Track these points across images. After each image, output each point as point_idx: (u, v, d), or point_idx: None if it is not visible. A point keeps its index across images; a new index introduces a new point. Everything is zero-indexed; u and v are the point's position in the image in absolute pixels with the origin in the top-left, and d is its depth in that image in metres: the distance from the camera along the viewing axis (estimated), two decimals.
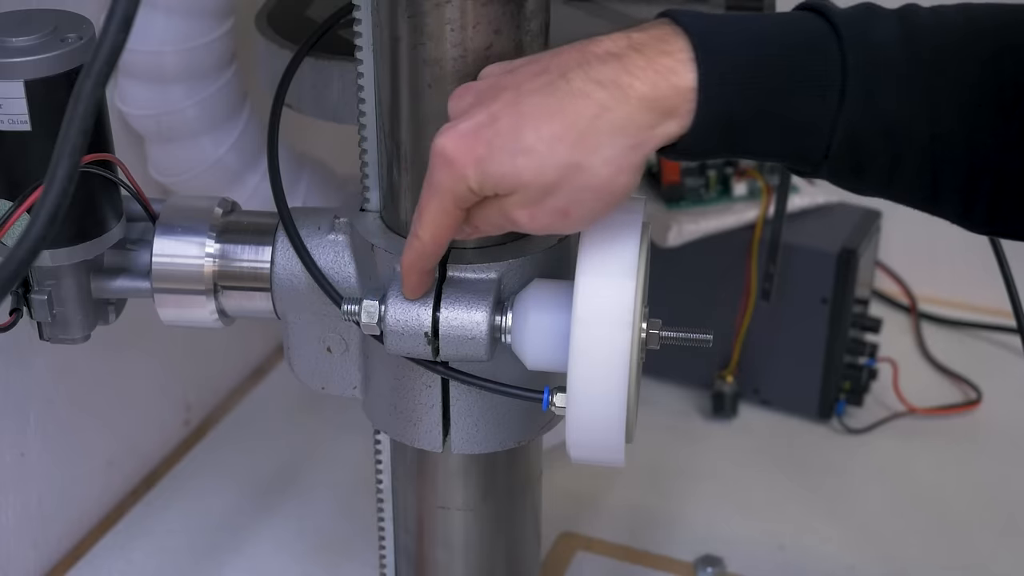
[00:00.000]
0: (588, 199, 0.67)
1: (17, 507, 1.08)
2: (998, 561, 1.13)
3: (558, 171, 0.66)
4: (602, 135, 0.66)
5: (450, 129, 0.68)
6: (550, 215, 0.68)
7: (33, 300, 0.82)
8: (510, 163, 0.66)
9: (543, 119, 0.66)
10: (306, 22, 0.95)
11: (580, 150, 0.66)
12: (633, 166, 0.67)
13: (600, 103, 0.65)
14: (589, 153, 0.66)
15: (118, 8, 0.57)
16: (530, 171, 0.66)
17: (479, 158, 0.67)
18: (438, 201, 0.69)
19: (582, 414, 0.71)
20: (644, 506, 1.20)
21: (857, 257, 1.23)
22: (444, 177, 0.68)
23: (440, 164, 0.68)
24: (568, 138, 0.66)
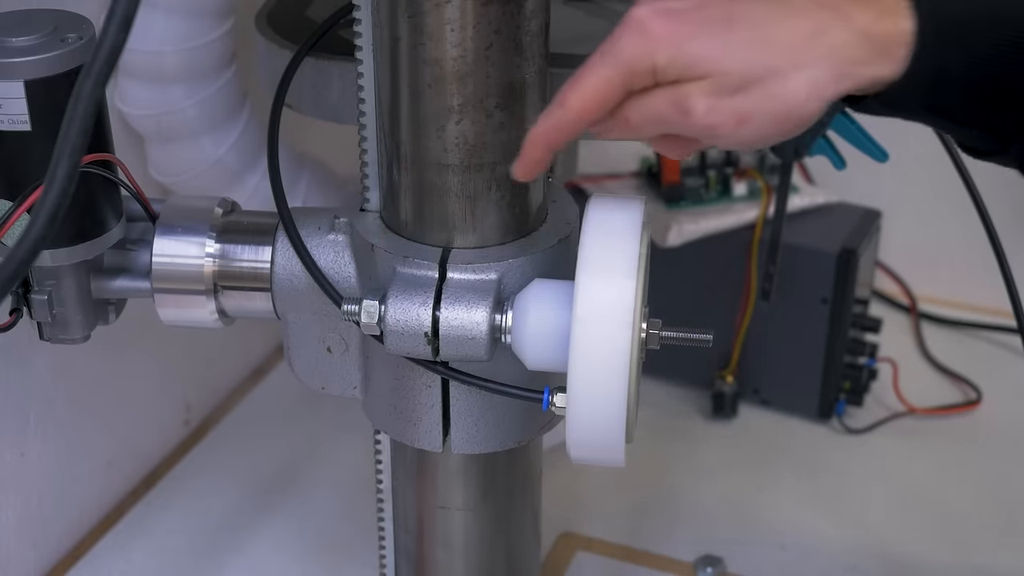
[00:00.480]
0: (775, 112, 0.65)
1: (17, 507, 1.08)
2: (998, 561, 1.13)
3: (762, 69, 0.64)
4: (814, 54, 0.64)
5: (655, 3, 0.65)
6: (728, 115, 0.65)
7: (33, 300, 0.82)
8: (717, 44, 0.63)
9: (758, 22, 0.64)
10: (306, 22, 0.95)
11: (788, 59, 0.64)
12: (830, 96, 0.65)
13: (819, 23, 0.64)
14: (796, 66, 0.64)
15: (118, 8, 0.57)
16: (735, 58, 0.63)
17: (681, 35, 0.64)
18: (609, 70, 0.65)
19: (582, 414, 0.71)
20: (644, 506, 1.20)
21: (857, 257, 1.23)
22: (630, 46, 0.64)
23: (631, 32, 0.65)
24: (780, 44, 0.64)
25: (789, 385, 1.29)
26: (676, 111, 0.65)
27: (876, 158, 1.06)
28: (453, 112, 0.74)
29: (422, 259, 0.77)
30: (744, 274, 1.24)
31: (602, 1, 0.99)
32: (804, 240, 1.24)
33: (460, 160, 0.76)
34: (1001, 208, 1.03)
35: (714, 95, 0.64)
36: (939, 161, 0.99)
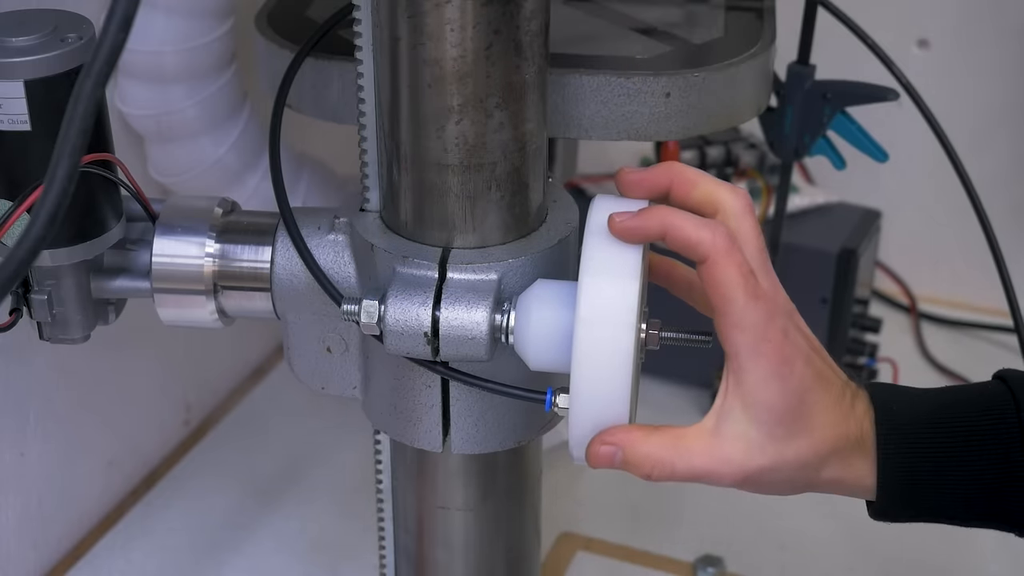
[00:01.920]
0: (784, 490, 0.74)
1: (17, 507, 1.08)
2: (998, 561, 1.13)
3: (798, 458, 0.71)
4: (832, 458, 0.72)
5: (787, 312, 0.71)
6: (757, 482, 0.72)
7: (33, 300, 0.82)
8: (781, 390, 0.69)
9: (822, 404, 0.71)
10: (306, 22, 0.95)
11: (822, 453, 0.71)
12: (822, 491, 0.74)
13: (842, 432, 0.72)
14: (821, 464, 0.72)
15: (118, 8, 0.57)
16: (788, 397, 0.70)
17: (777, 366, 0.69)
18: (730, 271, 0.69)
19: (585, 414, 0.71)
20: (644, 506, 1.20)
21: (857, 257, 1.23)
22: (757, 314, 0.69)
23: (765, 315, 0.69)
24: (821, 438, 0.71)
25: None
26: (707, 473, 0.71)
27: (876, 158, 1.06)
28: (453, 112, 0.74)
29: (422, 259, 0.77)
30: None
31: (602, 1, 0.99)
32: (804, 240, 1.24)
33: (460, 160, 0.76)
34: (1000, 209, 1.03)
35: (751, 465, 0.71)
36: (939, 161, 0.99)
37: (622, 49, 0.91)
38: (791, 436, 0.70)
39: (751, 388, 0.69)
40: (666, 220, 0.70)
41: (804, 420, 0.70)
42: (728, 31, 0.94)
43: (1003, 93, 1.40)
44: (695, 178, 0.72)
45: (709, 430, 0.71)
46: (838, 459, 0.72)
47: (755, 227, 0.71)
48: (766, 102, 0.95)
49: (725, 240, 0.69)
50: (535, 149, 0.78)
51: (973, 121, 1.36)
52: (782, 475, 0.71)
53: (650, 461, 0.71)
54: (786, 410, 0.70)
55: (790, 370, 0.69)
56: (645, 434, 0.71)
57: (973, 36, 1.39)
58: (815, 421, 0.71)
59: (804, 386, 0.70)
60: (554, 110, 0.85)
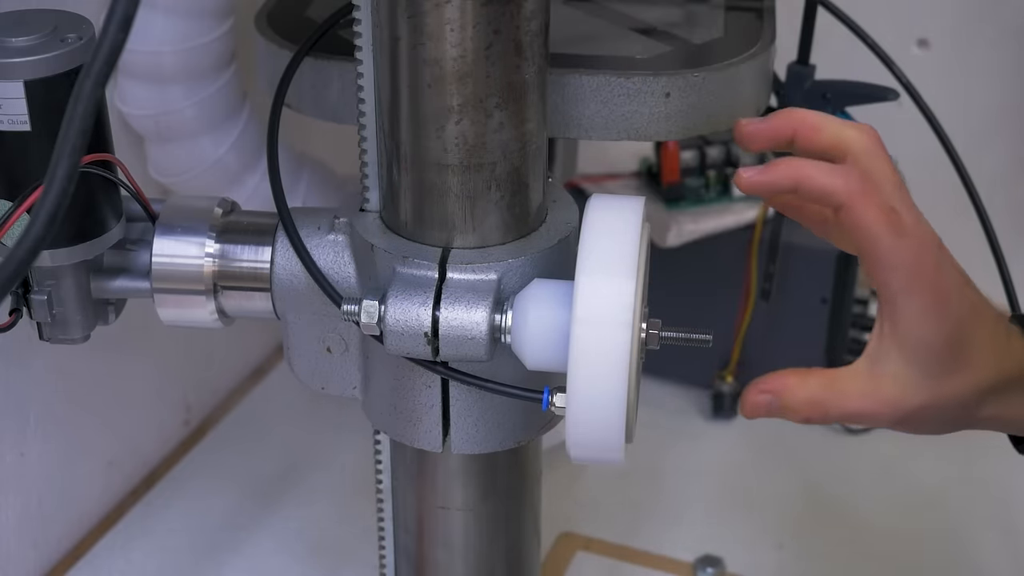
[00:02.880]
0: (943, 428, 0.72)
1: (17, 507, 1.08)
2: (998, 561, 1.13)
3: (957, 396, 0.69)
4: (995, 396, 0.70)
5: (934, 242, 0.69)
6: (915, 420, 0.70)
7: (33, 300, 0.82)
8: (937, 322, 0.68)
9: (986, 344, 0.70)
10: (306, 22, 0.95)
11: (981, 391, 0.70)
12: (983, 427, 0.72)
13: (1002, 367, 0.70)
14: (980, 403, 0.70)
15: (118, 8, 0.57)
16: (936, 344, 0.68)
17: (934, 303, 0.67)
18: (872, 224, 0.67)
19: (582, 414, 0.71)
20: (644, 506, 1.20)
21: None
22: (904, 253, 0.67)
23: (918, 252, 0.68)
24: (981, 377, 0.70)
25: None
26: (862, 413, 0.70)
27: None
28: (453, 112, 0.74)
29: (422, 259, 0.77)
30: (744, 274, 1.24)
31: (602, 1, 0.99)
32: (804, 240, 1.24)
33: (460, 160, 0.76)
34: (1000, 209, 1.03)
35: (907, 404, 0.69)
36: (939, 161, 0.99)
37: (622, 49, 0.91)
38: (949, 373, 0.68)
39: (907, 326, 0.68)
40: (796, 172, 0.68)
41: (962, 356, 0.69)
42: (728, 31, 0.94)
43: (1003, 93, 1.40)
44: (819, 123, 0.71)
45: (864, 371, 0.70)
46: (996, 396, 0.70)
47: (888, 163, 0.70)
48: (766, 102, 0.95)
49: (859, 183, 0.67)
50: (535, 149, 0.78)
51: (973, 121, 1.36)
52: (940, 413, 0.69)
53: (806, 405, 0.70)
54: (943, 346, 0.68)
55: (946, 304, 0.68)
56: (800, 379, 0.71)
57: (973, 36, 1.39)
58: (973, 357, 0.69)
59: (960, 320, 0.68)
60: (554, 110, 0.85)
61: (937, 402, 0.69)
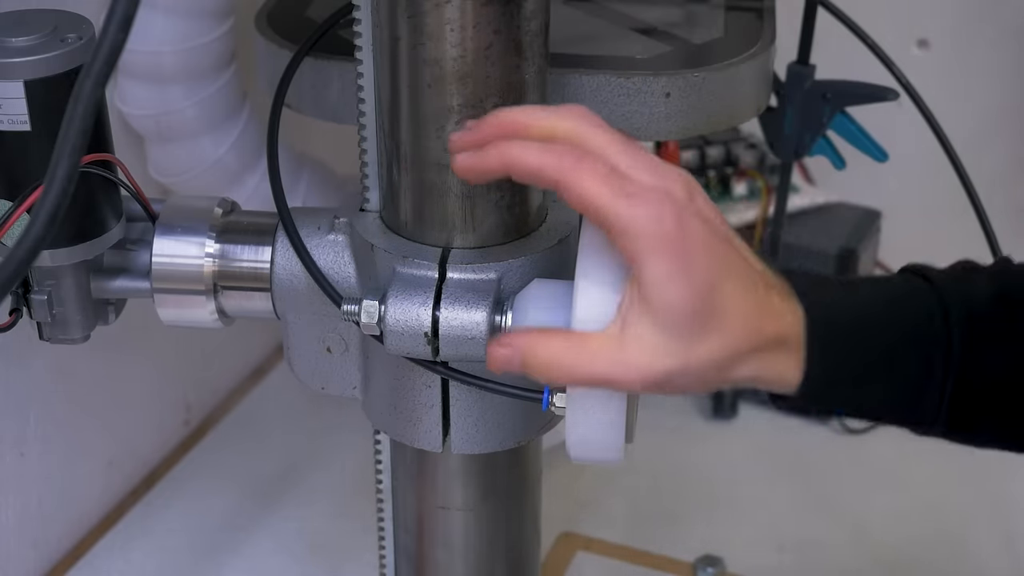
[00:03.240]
0: (695, 389, 0.69)
1: (17, 507, 1.08)
2: (998, 562, 1.13)
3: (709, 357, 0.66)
4: (751, 354, 0.67)
5: (693, 197, 0.66)
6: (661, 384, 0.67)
7: (33, 300, 0.82)
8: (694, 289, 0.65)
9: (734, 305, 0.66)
10: (306, 22, 0.95)
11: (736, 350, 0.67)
12: (738, 385, 0.69)
13: (762, 326, 0.67)
14: (736, 360, 0.67)
15: (118, 8, 0.57)
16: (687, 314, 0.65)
17: (681, 265, 0.65)
18: (610, 205, 0.65)
19: (582, 414, 0.71)
20: (644, 506, 1.20)
21: (857, 257, 1.23)
22: (643, 222, 0.64)
23: (656, 211, 0.64)
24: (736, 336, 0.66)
25: None
26: (607, 378, 0.67)
27: (876, 158, 1.06)
28: (453, 112, 0.74)
29: (422, 259, 0.77)
30: None
31: (602, 1, 0.99)
32: (804, 240, 1.24)
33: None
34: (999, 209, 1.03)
35: (655, 368, 0.66)
36: (939, 161, 0.99)
37: (622, 49, 0.91)
38: (701, 335, 0.65)
39: (651, 290, 0.65)
40: (505, 154, 0.65)
41: (714, 317, 0.65)
42: (728, 31, 0.94)
43: (1003, 93, 1.40)
44: (525, 119, 0.67)
45: (614, 335, 0.66)
46: (755, 356, 0.67)
47: (603, 132, 0.66)
48: (766, 102, 0.95)
49: (570, 156, 0.65)
50: None
51: (973, 121, 1.36)
52: (693, 377, 0.66)
53: (550, 365, 0.67)
54: (692, 309, 0.65)
55: (691, 266, 0.64)
56: (546, 337, 0.68)
57: (972, 36, 1.39)
58: (727, 318, 0.66)
59: (710, 282, 0.65)
60: None
61: (688, 367, 0.66)
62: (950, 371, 0.69)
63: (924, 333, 0.69)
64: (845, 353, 0.68)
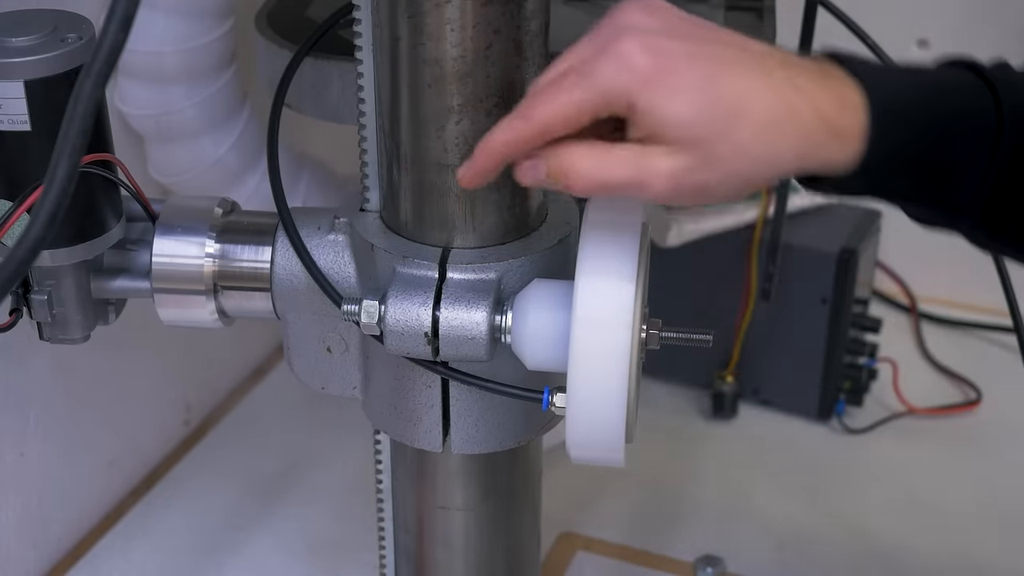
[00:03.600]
0: (736, 185, 0.65)
1: (17, 507, 1.08)
2: (998, 561, 1.13)
3: (733, 148, 0.63)
4: (783, 135, 0.64)
5: (643, 37, 0.63)
6: (690, 190, 0.65)
7: (33, 300, 0.82)
8: (699, 107, 0.62)
9: (737, 91, 0.63)
10: (306, 22, 0.95)
11: (761, 139, 0.64)
12: (789, 174, 0.66)
13: (792, 104, 0.64)
14: (766, 145, 0.64)
15: (118, 8, 0.57)
16: (711, 131, 0.63)
17: (667, 84, 0.63)
18: (585, 94, 0.64)
19: (582, 414, 0.71)
20: (644, 506, 1.20)
21: (857, 257, 1.23)
22: (613, 77, 0.63)
23: (616, 62, 0.63)
24: (756, 121, 0.63)
25: (789, 385, 1.29)
26: (635, 184, 0.65)
27: None
28: (453, 112, 0.74)
29: (422, 259, 0.77)
30: (744, 274, 1.24)
31: (602, 1, 0.99)
32: (804, 240, 1.24)
33: (460, 160, 0.76)
34: None
35: (680, 169, 0.64)
36: None
37: None
38: (721, 133, 0.63)
39: (652, 123, 0.63)
40: (490, 144, 0.67)
41: (729, 110, 0.63)
42: None
43: None
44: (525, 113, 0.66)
45: (638, 145, 0.65)
46: (792, 139, 0.65)
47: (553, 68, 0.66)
48: None
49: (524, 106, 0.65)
50: None
51: None
52: (726, 175, 0.64)
53: (574, 169, 0.66)
54: (697, 113, 0.63)
55: (676, 80, 0.63)
56: (569, 144, 0.66)
57: (973, 37, 1.39)
58: (745, 106, 0.63)
59: (705, 82, 0.63)
60: None
61: (717, 166, 0.64)
62: (995, 161, 0.67)
63: (975, 122, 0.67)
64: (902, 139, 0.67)
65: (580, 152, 0.66)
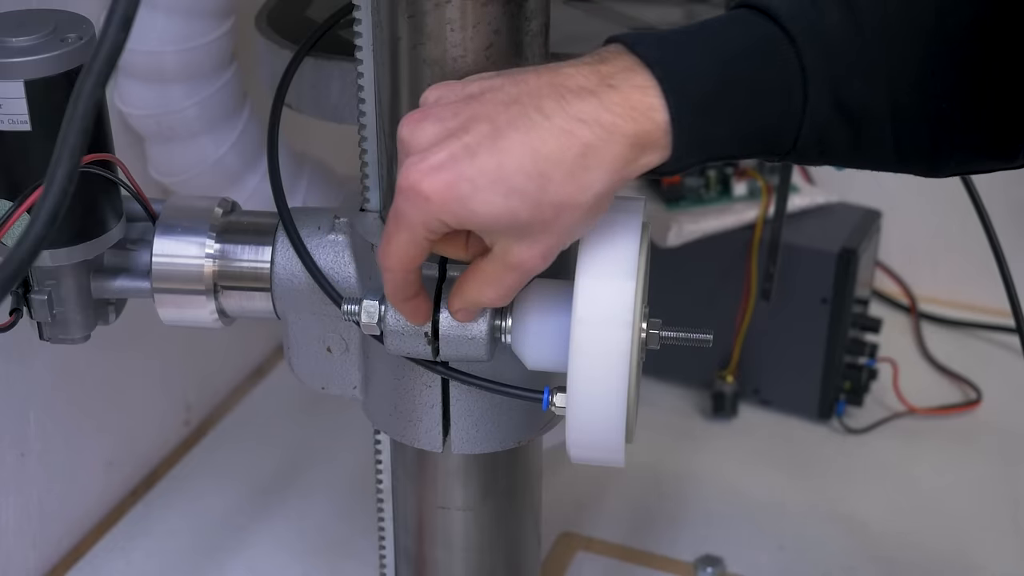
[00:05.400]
0: (578, 229, 0.69)
1: (17, 507, 1.08)
2: (998, 561, 1.13)
3: (553, 209, 0.66)
4: (591, 173, 0.66)
5: (420, 163, 0.65)
6: (546, 248, 0.68)
7: (33, 300, 0.82)
8: (499, 199, 0.65)
9: (527, 157, 0.65)
10: (306, 22, 0.95)
11: (571, 188, 0.65)
12: (614, 193, 0.68)
13: (585, 142, 0.65)
14: (580, 191, 0.66)
15: (118, 8, 0.57)
16: (524, 209, 0.65)
17: (461, 196, 0.65)
18: (408, 234, 0.67)
19: (582, 414, 0.71)
20: (644, 506, 1.20)
21: (857, 257, 1.23)
22: (417, 214, 0.66)
23: (410, 201, 0.66)
24: (557, 177, 0.65)
25: (789, 385, 1.29)
26: (519, 282, 0.69)
27: None
28: None
29: None
30: (744, 274, 1.24)
31: (602, 1, 0.99)
32: (804, 240, 1.24)
33: None
34: (1000, 208, 1.03)
35: (526, 245, 0.67)
36: None
37: None
38: (537, 203, 0.65)
39: (473, 227, 0.66)
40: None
41: (533, 183, 0.65)
42: None
43: None
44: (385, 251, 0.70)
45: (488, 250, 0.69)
46: (619, 174, 0.66)
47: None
48: None
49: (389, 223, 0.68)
50: None
51: None
52: (567, 230, 0.67)
53: (480, 302, 0.71)
54: (506, 203, 0.65)
55: (471, 184, 0.65)
56: (460, 278, 0.72)
57: None
58: (544, 168, 0.65)
59: (496, 164, 0.65)
60: None
61: (562, 242, 0.68)
62: (807, 108, 0.68)
63: (778, 81, 0.68)
64: (708, 125, 0.67)
65: (469, 285, 0.71)
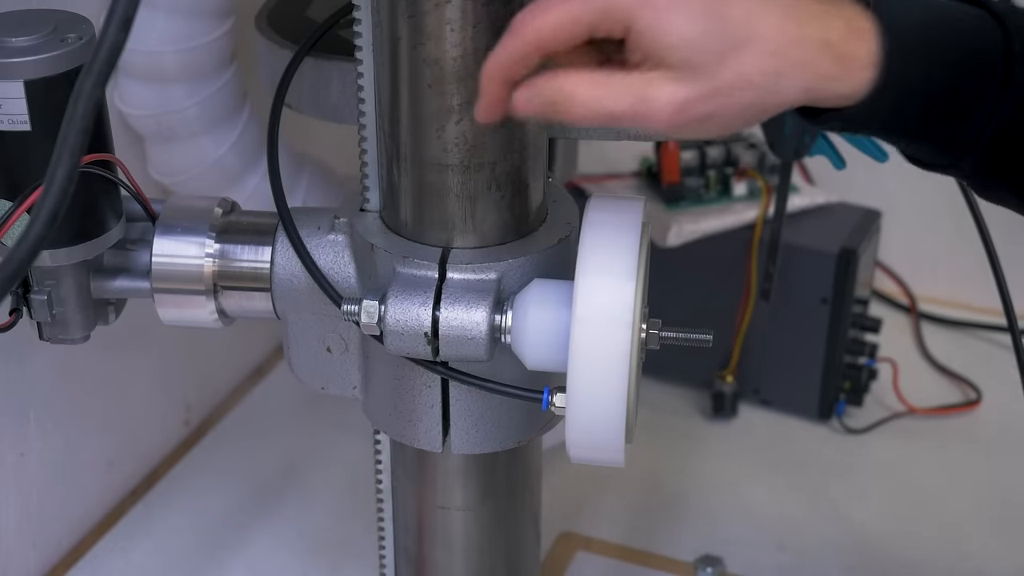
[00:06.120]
0: (740, 114, 0.64)
1: (17, 507, 1.08)
2: (998, 561, 1.13)
3: (736, 74, 0.61)
4: (791, 62, 0.62)
5: None
6: (694, 117, 0.63)
7: (33, 300, 0.82)
8: (701, 29, 0.60)
9: (747, 12, 0.61)
10: (306, 22, 0.95)
11: (767, 65, 0.62)
12: (795, 105, 0.64)
13: (801, 30, 0.62)
14: (772, 74, 0.62)
15: (118, 8, 0.57)
16: (714, 55, 0.61)
17: (671, 3, 0.60)
18: (581, 8, 0.61)
19: (582, 414, 0.71)
20: (644, 506, 1.20)
21: (857, 257, 1.23)
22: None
23: None
24: (762, 47, 0.61)
25: (789, 385, 1.29)
26: (637, 114, 0.63)
27: (876, 158, 1.06)
28: (453, 112, 0.74)
29: (422, 259, 0.77)
30: (744, 274, 1.24)
31: None
32: (804, 240, 1.24)
33: (460, 160, 0.76)
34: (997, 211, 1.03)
35: (682, 96, 0.62)
36: None
37: None
38: (724, 55, 0.61)
39: (650, 42, 0.61)
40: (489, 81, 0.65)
41: (732, 33, 0.61)
42: None
43: None
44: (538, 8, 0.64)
45: (638, 74, 0.63)
46: (800, 68, 0.63)
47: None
48: None
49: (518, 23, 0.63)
50: (535, 149, 0.78)
51: None
52: (727, 102, 0.62)
53: (574, 99, 0.63)
54: (699, 33, 0.61)
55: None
56: (568, 73, 0.64)
57: None
58: (751, 30, 0.61)
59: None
60: None
61: (719, 90, 0.62)
62: (1002, 98, 0.66)
63: (984, 58, 0.66)
64: (912, 71, 0.65)
65: (578, 79, 0.64)
